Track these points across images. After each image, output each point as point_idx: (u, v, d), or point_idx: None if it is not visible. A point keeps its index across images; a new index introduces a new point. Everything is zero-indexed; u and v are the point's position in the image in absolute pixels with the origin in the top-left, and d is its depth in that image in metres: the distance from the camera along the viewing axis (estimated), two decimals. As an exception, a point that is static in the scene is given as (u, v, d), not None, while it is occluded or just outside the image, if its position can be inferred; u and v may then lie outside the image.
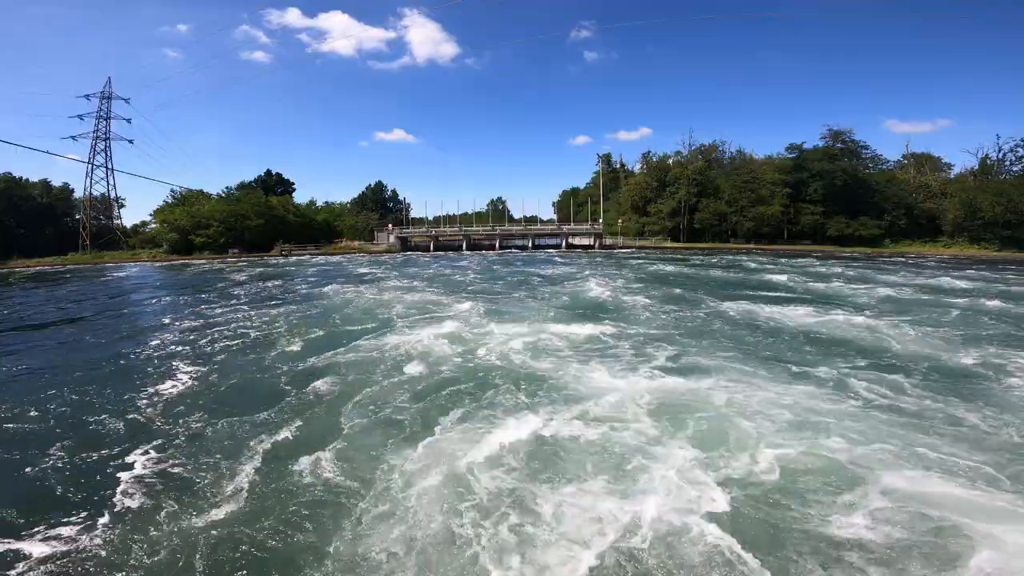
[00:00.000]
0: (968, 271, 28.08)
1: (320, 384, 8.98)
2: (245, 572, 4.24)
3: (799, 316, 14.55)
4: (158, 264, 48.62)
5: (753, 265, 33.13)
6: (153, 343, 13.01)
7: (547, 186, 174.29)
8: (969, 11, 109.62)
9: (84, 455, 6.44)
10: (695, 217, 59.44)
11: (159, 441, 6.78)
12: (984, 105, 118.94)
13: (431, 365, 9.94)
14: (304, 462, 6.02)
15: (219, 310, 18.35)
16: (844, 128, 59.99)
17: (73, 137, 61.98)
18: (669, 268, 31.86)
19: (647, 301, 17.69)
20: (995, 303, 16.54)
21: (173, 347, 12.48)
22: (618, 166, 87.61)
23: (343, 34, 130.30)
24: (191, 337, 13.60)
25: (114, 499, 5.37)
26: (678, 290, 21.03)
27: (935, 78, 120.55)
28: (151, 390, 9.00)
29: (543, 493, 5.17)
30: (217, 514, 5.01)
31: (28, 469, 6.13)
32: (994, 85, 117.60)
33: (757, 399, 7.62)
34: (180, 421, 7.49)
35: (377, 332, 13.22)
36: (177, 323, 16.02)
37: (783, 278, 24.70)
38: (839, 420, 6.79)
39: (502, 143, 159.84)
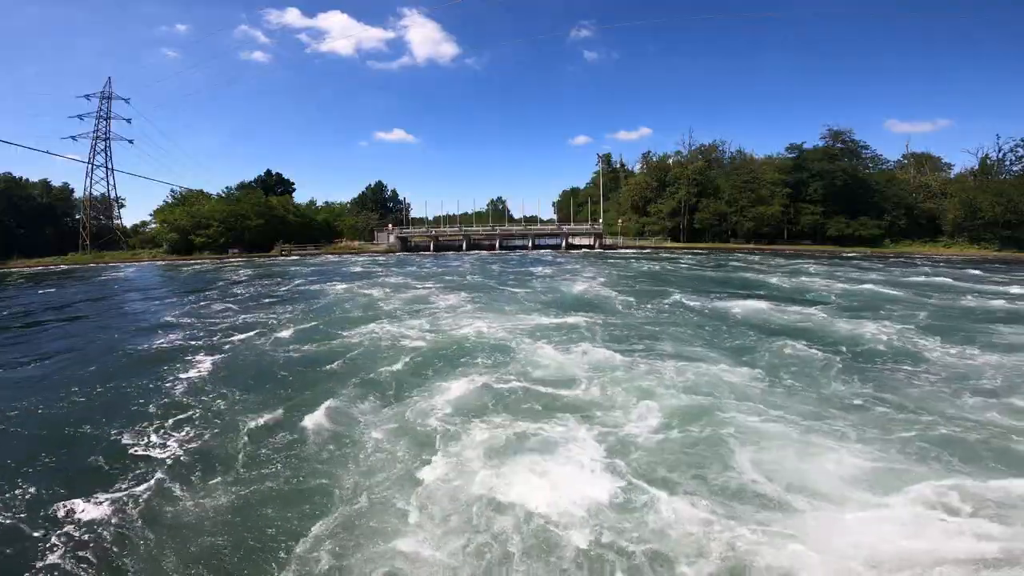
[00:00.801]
0: (955, 271, 28.28)
1: (319, 365, 10.11)
2: (270, 511, 5.11)
3: (759, 308, 15.48)
4: (157, 264, 48.66)
5: (741, 264, 33.74)
6: (161, 338, 13.35)
7: (547, 186, 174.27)
8: (969, 11, 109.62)
9: (107, 433, 7.07)
10: (695, 217, 59.40)
11: (180, 418, 7.55)
12: (984, 105, 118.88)
13: (417, 346, 11.28)
14: (306, 424, 7.16)
15: (221, 307, 18.58)
16: (844, 128, 60.01)
17: (73, 137, 62.12)
18: (658, 267, 32.63)
19: (625, 296, 18.73)
20: (955, 301, 16.98)
21: (180, 340, 12.92)
22: (618, 166, 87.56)
23: (343, 34, 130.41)
24: (197, 332, 13.96)
25: (142, 470, 5.99)
26: (658, 286, 21.86)
27: (935, 78, 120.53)
28: (169, 377, 9.59)
29: (483, 427, 6.81)
30: (235, 474, 5.88)
31: (56, 448, 6.67)
32: (994, 85, 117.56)
33: (688, 370, 8.97)
34: (196, 401, 8.26)
35: (372, 322, 14.17)
36: (181, 319, 16.21)
37: (763, 276, 25.38)
38: (737, 387, 8.29)
39: (502, 143, 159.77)
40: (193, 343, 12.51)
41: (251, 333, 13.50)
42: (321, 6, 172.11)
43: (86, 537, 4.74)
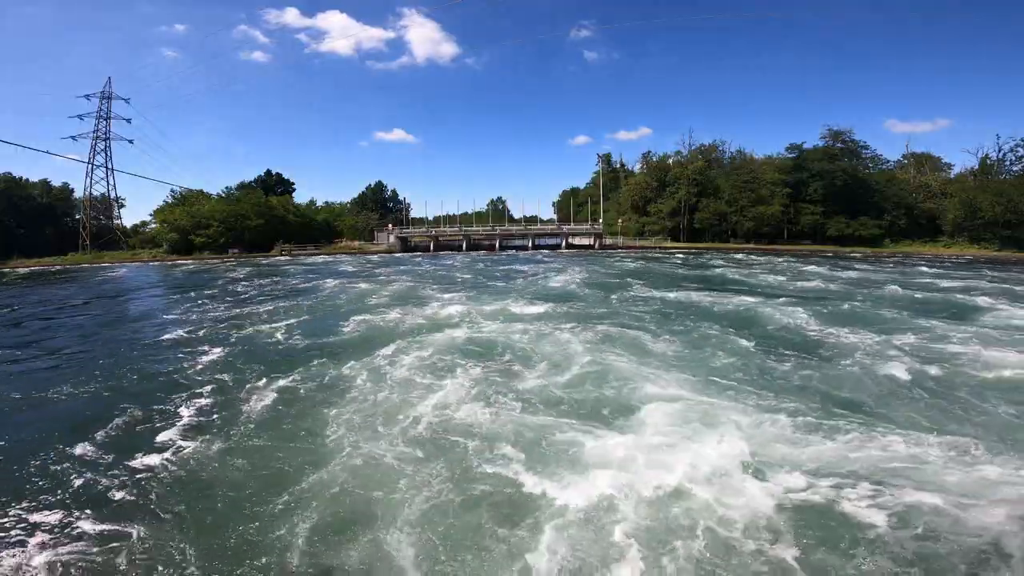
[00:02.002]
0: (911, 268, 29.31)
1: (316, 343, 11.94)
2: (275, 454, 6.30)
3: (708, 297, 17.30)
4: (154, 264, 48.59)
5: (721, 263, 35.05)
6: (168, 331, 14.16)
7: (547, 186, 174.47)
8: (969, 11, 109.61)
9: (133, 407, 8.03)
10: (695, 217, 59.34)
11: (194, 391, 8.73)
12: (984, 105, 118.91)
13: (398, 322, 13.96)
14: (304, 386, 8.77)
15: (224, 303, 19.17)
16: (844, 128, 59.97)
17: (73, 137, 62.06)
18: (641, 265, 34.06)
19: (592, 289, 20.67)
20: (911, 293, 18.40)
21: (185, 333, 13.91)
22: (618, 166, 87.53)
23: (342, 34, 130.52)
24: (203, 324, 14.98)
25: (164, 435, 6.98)
26: (628, 280, 23.69)
27: (935, 78, 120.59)
28: (181, 361, 10.65)
29: (433, 369, 9.41)
30: (246, 432, 7.02)
31: (87, 421, 7.55)
32: (994, 85, 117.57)
33: (605, 336, 11.56)
34: (208, 380, 9.33)
35: (365, 311, 16.13)
36: (186, 315, 16.84)
37: (735, 272, 27.13)
38: (643, 349, 10.53)
39: (502, 143, 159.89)
40: (198, 334, 13.45)
41: (255, 322, 14.81)
42: (320, 6, 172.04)
43: (123, 484, 5.71)
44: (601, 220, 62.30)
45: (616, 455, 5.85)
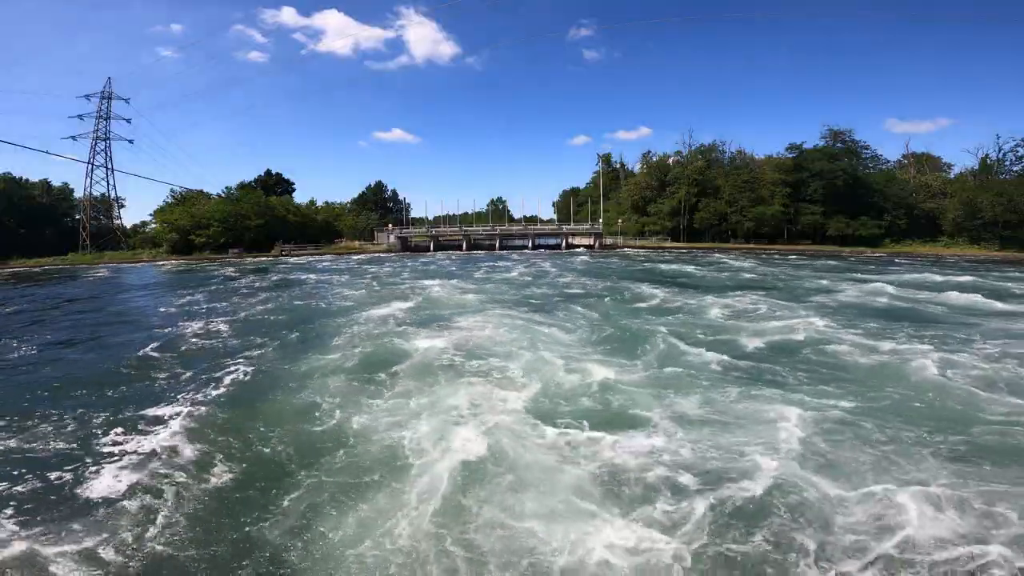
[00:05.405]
0: (926, 268, 30.20)
1: (312, 321, 15.12)
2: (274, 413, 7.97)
3: (638, 287, 20.15)
4: (154, 264, 48.53)
5: (689, 259, 37.76)
6: (174, 317, 16.31)
7: (547, 186, 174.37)
8: (969, 11, 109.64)
9: (147, 377, 9.95)
10: (695, 217, 59.35)
11: (203, 373, 10.26)
12: (984, 105, 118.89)
13: (381, 296, 19.54)
14: (299, 358, 11.01)
15: (229, 297, 20.88)
16: (844, 128, 60.04)
17: (73, 137, 61.70)
18: (604, 261, 37.38)
19: (531, 278, 25.03)
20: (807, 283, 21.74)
21: (197, 319, 15.72)
22: (618, 166, 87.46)
23: (340, 33, 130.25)
24: (211, 312, 16.96)
25: (178, 403, 8.23)
26: (573, 274, 27.42)
27: (935, 78, 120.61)
28: (193, 341, 12.76)
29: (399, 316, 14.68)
30: (250, 405, 8.29)
31: (112, 385, 9.36)
32: (994, 85, 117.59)
33: (517, 299, 17.43)
34: (216, 362, 10.80)
35: (359, 292, 20.96)
36: (193, 307, 18.34)
37: (690, 267, 30.75)
38: (538, 309, 15.63)
39: (502, 143, 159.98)
40: (207, 319, 15.60)
41: (259, 309, 17.51)
42: (318, 5, 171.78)
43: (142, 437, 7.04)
44: (601, 220, 62.30)
45: (465, 328, 12.45)
